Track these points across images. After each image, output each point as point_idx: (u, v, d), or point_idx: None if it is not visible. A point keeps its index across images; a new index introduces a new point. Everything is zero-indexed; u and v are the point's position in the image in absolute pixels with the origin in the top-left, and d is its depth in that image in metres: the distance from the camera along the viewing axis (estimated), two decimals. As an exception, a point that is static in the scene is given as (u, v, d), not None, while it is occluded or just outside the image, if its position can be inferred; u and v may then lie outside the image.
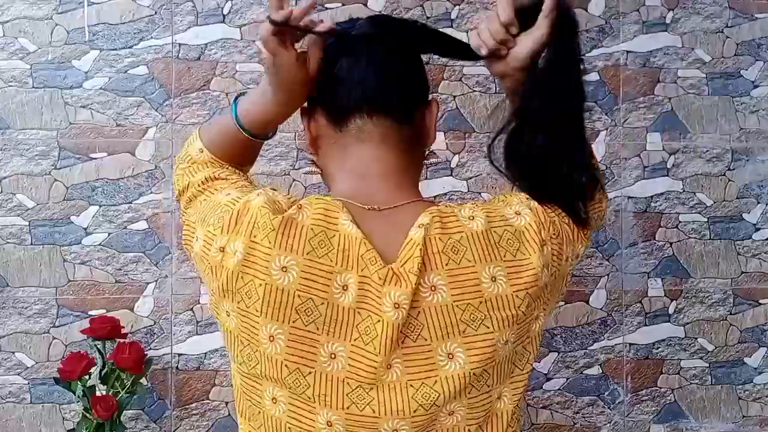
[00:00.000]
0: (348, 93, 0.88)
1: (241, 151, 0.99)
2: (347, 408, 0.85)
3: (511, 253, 0.85)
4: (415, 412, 0.85)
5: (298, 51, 0.88)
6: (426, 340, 0.84)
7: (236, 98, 0.96)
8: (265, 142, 1.00)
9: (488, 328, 0.84)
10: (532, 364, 0.93)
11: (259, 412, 0.89)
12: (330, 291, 0.83)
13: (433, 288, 0.84)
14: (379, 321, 0.83)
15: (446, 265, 0.84)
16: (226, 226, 0.84)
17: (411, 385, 0.85)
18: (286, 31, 0.85)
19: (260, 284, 0.82)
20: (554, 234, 0.88)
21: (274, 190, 0.90)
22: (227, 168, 0.98)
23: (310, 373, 0.84)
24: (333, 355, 0.84)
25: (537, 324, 0.90)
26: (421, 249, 0.83)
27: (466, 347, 0.84)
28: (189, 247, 0.92)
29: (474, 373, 0.85)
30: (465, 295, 0.84)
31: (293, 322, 0.83)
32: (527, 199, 0.90)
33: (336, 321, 0.83)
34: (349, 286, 0.83)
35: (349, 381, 0.84)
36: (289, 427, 0.87)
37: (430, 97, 0.96)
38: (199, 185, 0.95)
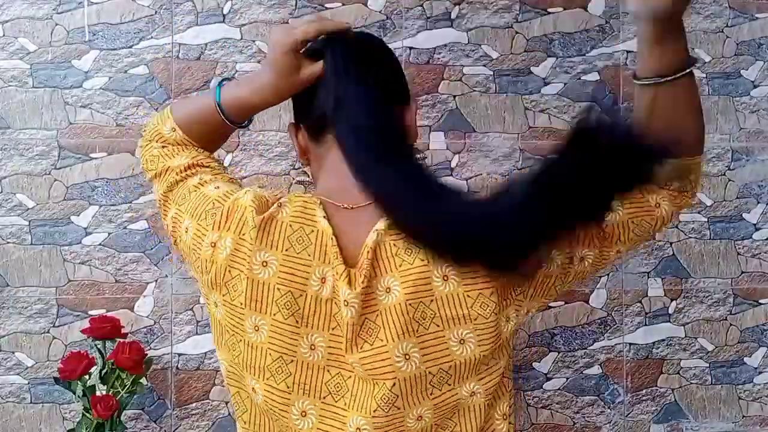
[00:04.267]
0: (320, 107, 0.92)
1: (214, 135, 1.02)
2: (324, 398, 0.88)
3: None
4: (374, 412, 0.86)
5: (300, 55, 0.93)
6: (382, 341, 0.86)
7: (220, 83, 0.99)
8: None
9: (438, 326, 0.86)
10: (504, 361, 0.92)
11: (247, 397, 0.93)
12: (309, 284, 0.86)
13: (387, 290, 0.86)
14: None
15: (400, 266, 0.86)
16: (217, 223, 0.88)
17: (375, 384, 0.86)
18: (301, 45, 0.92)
19: (244, 278, 0.86)
20: None
21: (261, 187, 0.96)
22: (202, 152, 1.00)
23: (292, 361, 0.87)
24: (313, 346, 0.87)
25: (508, 326, 0.89)
26: (370, 253, 0.86)
27: (420, 347, 0.86)
28: (177, 235, 0.95)
29: (430, 372, 0.86)
30: (417, 294, 0.86)
31: (274, 315, 0.86)
32: None
33: (315, 312, 0.86)
34: (326, 278, 0.86)
35: (329, 368, 0.88)
36: (273, 413, 0.90)
37: (411, 98, 1.00)
38: (180, 171, 0.96)
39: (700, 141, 0.94)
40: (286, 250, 0.86)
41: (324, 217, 0.88)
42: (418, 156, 0.91)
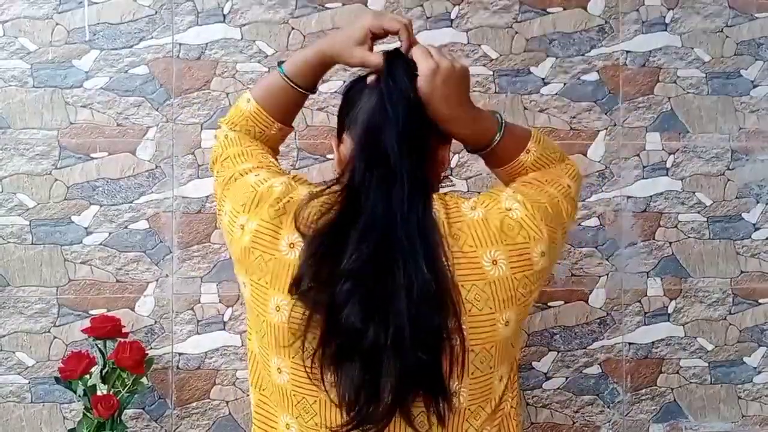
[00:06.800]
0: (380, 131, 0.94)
1: (286, 102, 1.08)
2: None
3: (511, 238, 0.93)
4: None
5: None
6: None
7: (279, 64, 1.07)
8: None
9: (491, 309, 0.91)
10: (518, 351, 1.03)
11: (269, 381, 0.97)
12: None
13: None
14: None
15: (451, 248, 0.91)
16: (247, 206, 0.95)
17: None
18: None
19: (269, 258, 0.91)
20: (544, 218, 0.95)
21: (302, 177, 1.02)
22: (268, 157, 1.05)
23: (314, 337, 0.89)
24: None
25: (531, 304, 0.98)
26: None
27: (469, 325, 0.90)
28: (220, 219, 1.03)
29: (473, 351, 0.90)
30: (470, 276, 0.90)
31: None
32: (513, 192, 0.98)
33: None
34: None
35: None
36: (294, 394, 0.93)
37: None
38: (241, 172, 1.02)
39: (527, 138, 1.06)
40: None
41: None
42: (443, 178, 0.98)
